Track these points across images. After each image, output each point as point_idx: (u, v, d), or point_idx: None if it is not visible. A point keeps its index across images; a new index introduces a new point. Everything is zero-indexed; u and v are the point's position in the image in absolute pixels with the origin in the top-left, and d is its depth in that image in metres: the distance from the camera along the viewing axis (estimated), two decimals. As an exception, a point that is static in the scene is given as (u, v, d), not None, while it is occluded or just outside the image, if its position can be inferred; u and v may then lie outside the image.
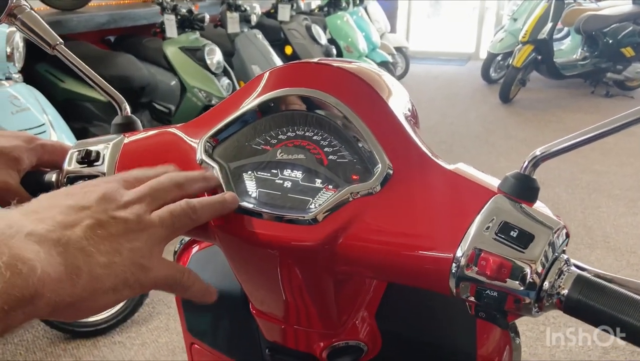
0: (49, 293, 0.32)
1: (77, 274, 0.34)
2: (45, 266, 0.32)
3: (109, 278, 0.37)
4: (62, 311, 0.35)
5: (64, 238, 0.35)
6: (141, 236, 0.40)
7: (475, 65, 8.42)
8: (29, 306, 0.31)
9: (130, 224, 0.39)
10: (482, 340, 0.61)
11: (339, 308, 0.57)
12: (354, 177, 0.49)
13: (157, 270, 0.41)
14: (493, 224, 0.42)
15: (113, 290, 0.37)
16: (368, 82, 0.53)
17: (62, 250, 0.34)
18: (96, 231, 0.37)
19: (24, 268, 0.31)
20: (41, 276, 0.31)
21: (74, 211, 0.38)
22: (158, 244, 0.41)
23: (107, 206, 0.39)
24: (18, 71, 2.33)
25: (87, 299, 0.35)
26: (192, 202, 0.44)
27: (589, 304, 0.40)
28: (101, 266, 0.36)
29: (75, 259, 0.35)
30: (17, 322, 0.31)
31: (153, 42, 3.95)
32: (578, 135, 0.43)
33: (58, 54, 0.61)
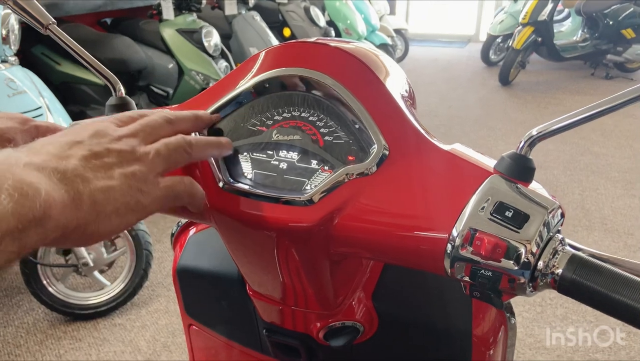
0: (56, 215, 0.33)
1: (79, 198, 0.35)
2: (48, 189, 0.33)
3: (109, 202, 0.37)
4: (70, 235, 0.36)
5: (60, 166, 0.36)
6: (135, 164, 0.41)
7: (475, 47, 8.37)
8: (40, 227, 0.32)
9: (124, 154, 0.40)
10: (477, 320, 0.61)
11: (336, 289, 0.57)
12: (350, 158, 0.48)
13: (156, 190, 0.42)
14: (488, 204, 0.42)
15: (116, 214, 0.38)
16: (365, 63, 0.52)
17: (60, 177, 0.35)
18: (91, 160, 0.38)
19: (29, 190, 0.32)
20: (46, 198, 0.32)
21: (68, 145, 0.39)
22: (154, 173, 0.42)
23: (100, 140, 0.40)
24: (14, 54, 2.31)
25: (92, 222, 0.37)
26: (188, 137, 0.45)
27: (583, 283, 0.40)
28: (100, 190, 0.37)
29: (74, 184, 0.36)
30: (31, 243, 0.32)
31: (150, 25, 3.91)
32: (574, 115, 0.43)
33: (51, 34, 0.60)
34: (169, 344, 2.13)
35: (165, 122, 0.46)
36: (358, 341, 0.63)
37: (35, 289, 2.14)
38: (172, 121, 0.46)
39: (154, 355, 2.08)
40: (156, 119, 0.46)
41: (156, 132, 0.45)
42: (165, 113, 0.47)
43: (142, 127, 0.44)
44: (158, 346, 2.12)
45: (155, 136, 0.44)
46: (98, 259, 2.19)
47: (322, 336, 0.61)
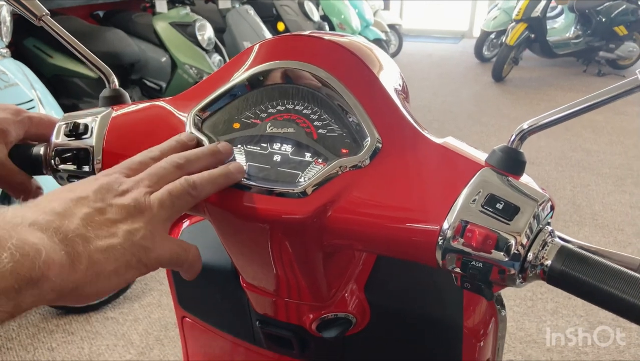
0: (54, 277, 0.33)
1: (78, 260, 0.35)
2: (48, 250, 0.33)
3: (108, 262, 0.37)
4: (66, 296, 0.36)
5: (63, 226, 0.36)
6: (140, 219, 0.40)
7: (469, 43, 8.39)
8: (35, 289, 0.32)
9: (127, 209, 0.40)
10: (468, 312, 0.62)
11: (329, 281, 0.57)
12: (344, 150, 0.49)
13: (159, 249, 0.41)
14: (479, 196, 0.43)
15: (115, 273, 0.38)
16: (359, 56, 0.52)
17: (62, 237, 0.35)
18: (94, 218, 0.38)
19: (30, 251, 0.32)
20: (46, 260, 0.33)
21: (72, 202, 0.39)
22: (160, 225, 0.41)
23: (104, 195, 0.40)
24: (6, 46, 2.29)
25: (89, 283, 0.36)
26: (191, 179, 0.44)
27: (572, 275, 0.41)
28: (100, 250, 0.37)
29: (75, 245, 0.36)
30: (25, 304, 0.32)
31: (143, 18, 3.89)
32: (564, 109, 0.44)
33: (44, 25, 0.60)
34: (161, 338, 2.14)
35: (175, 168, 0.45)
36: (350, 333, 0.63)
37: (27, 282, 2.12)
38: (182, 166, 0.45)
39: (146, 349, 2.08)
40: (165, 167, 0.44)
41: (163, 180, 0.44)
42: (176, 158, 0.45)
43: (149, 176, 0.43)
44: (151, 340, 2.12)
45: (162, 183, 0.43)
46: (90, 253, 2.18)
47: (315, 328, 0.61)
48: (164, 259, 0.42)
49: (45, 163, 0.58)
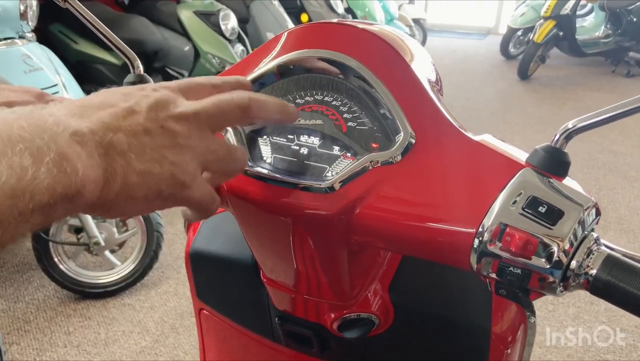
0: (88, 194, 0.33)
1: (114, 179, 0.34)
2: (85, 168, 0.32)
3: (141, 188, 0.36)
4: (95, 211, 0.35)
5: (106, 139, 0.34)
6: (187, 152, 0.38)
7: (495, 39, 8.27)
8: (69, 204, 0.32)
9: (179, 138, 0.37)
10: (497, 317, 0.59)
11: (352, 280, 0.55)
12: (374, 145, 0.47)
13: (194, 190, 0.39)
14: (520, 198, 0.40)
15: (144, 199, 0.37)
16: (391, 45, 0.50)
17: (102, 152, 0.34)
18: (141, 138, 0.36)
19: (68, 167, 0.31)
20: (82, 177, 0.32)
21: (123, 114, 0.36)
22: (202, 167, 0.40)
23: (159, 114, 0.37)
24: (31, 30, 2.30)
25: (118, 204, 0.36)
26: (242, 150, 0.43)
27: (618, 285, 0.38)
28: (137, 173, 0.35)
29: (114, 162, 0.34)
30: (56, 216, 0.32)
31: (167, 6, 3.90)
32: (612, 109, 0.41)
33: (70, 7, 0.58)
34: (177, 326, 2.14)
35: (239, 109, 0.41)
36: (373, 334, 0.61)
37: (46, 266, 2.15)
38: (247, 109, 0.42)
39: (162, 336, 2.09)
40: (229, 103, 0.41)
41: (225, 120, 0.41)
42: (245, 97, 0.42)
43: (211, 108, 0.40)
44: (166, 328, 2.13)
45: (223, 124, 0.41)
46: (109, 239, 2.20)
47: (336, 328, 0.59)
48: (194, 200, 0.40)
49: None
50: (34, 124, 0.31)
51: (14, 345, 2.01)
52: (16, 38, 2.15)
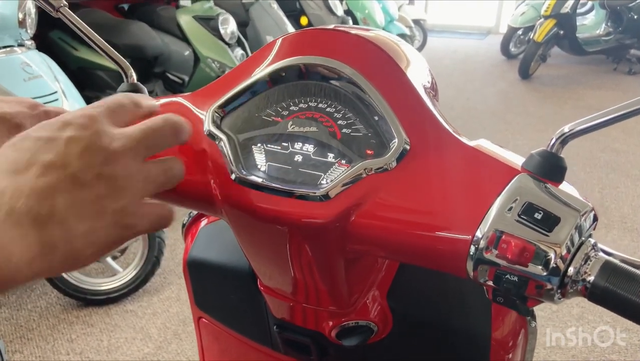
0: (23, 274, 0.31)
1: (54, 250, 0.32)
2: (21, 250, 0.31)
3: (88, 247, 0.34)
4: (38, 280, 0.35)
5: (42, 213, 0.32)
6: (128, 194, 0.36)
7: (495, 39, 8.26)
8: (3, 287, 0.31)
9: (118, 181, 0.35)
10: (497, 323, 0.59)
11: (350, 287, 0.55)
12: (369, 152, 0.46)
13: (141, 224, 0.37)
14: (516, 204, 0.40)
15: (92, 256, 0.35)
16: (386, 51, 0.49)
17: (39, 228, 0.32)
18: (77, 194, 0.33)
19: (1, 253, 0.30)
20: (17, 262, 0.30)
21: (54, 169, 0.33)
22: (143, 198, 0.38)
23: (92, 160, 0.34)
24: (30, 38, 2.31)
25: (62, 268, 0.34)
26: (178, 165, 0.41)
27: (616, 292, 0.38)
28: (81, 236, 0.33)
29: (53, 234, 0.32)
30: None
31: (167, 11, 3.90)
32: (609, 112, 0.40)
33: (62, 16, 0.58)
34: (179, 332, 2.14)
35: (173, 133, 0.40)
36: (371, 341, 0.61)
37: (48, 273, 2.15)
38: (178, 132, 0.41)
39: (164, 343, 2.09)
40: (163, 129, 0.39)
41: (160, 146, 0.39)
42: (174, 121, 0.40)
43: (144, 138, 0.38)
44: (169, 334, 2.13)
45: (157, 149, 0.39)
46: (111, 246, 2.19)
47: (335, 335, 0.59)
48: (145, 230, 0.38)
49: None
50: None
51: (17, 353, 2.01)
52: (15, 46, 2.15)
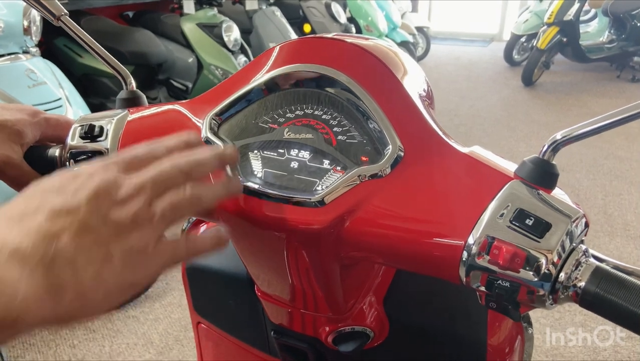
0: (32, 315, 0.30)
1: (62, 292, 0.32)
2: (28, 289, 0.30)
3: (98, 290, 0.33)
4: (48, 327, 0.33)
5: (48, 253, 0.32)
6: (136, 235, 0.35)
7: (498, 46, 8.26)
8: (11, 329, 0.30)
9: (123, 224, 0.35)
10: (493, 329, 0.59)
11: (346, 293, 0.55)
12: (364, 158, 0.47)
13: (154, 264, 0.37)
14: (508, 211, 0.40)
15: (106, 299, 0.34)
16: (382, 60, 0.50)
17: (47, 268, 0.31)
18: (84, 238, 0.33)
19: (6, 290, 0.29)
20: (23, 299, 0.30)
21: (62, 215, 0.33)
22: (155, 238, 0.37)
23: (99, 204, 0.35)
24: (35, 45, 2.33)
25: (75, 313, 0.33)
26: (197, 191, 0.40)
27: (607, 298, 0.38)
28: (89, 278, 0.33)
29: (61, 275, 0.32)
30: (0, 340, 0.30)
31: (171, 18, 3.93)
32: (601, 119, 0.41)
33: (62, 25, 0.59)
34: (181, 338, 2.14)
35: (180, 174, 0.40)
36: (368, 347, 0.61)
37: (51, 279, 2.15)
38: (187, 173, 0.40)
39: (166, 348, 2.09)
40: (169, 172, 0.39)
41: (167, 188, 0.39)
42: (183, 164, 0.40)
43: (152, 182, 0.38)
44: (170, 340, 2.13)
45: (164, 190, 0.38)
46: (113, 251, 2.20)
47: (331, 341, 0.59)
48: (160, 270, 0.38)
49: (60, 165, 0.57)
50: None
51: (19, 359, 2.01)
52: (20, 53, 2.17)
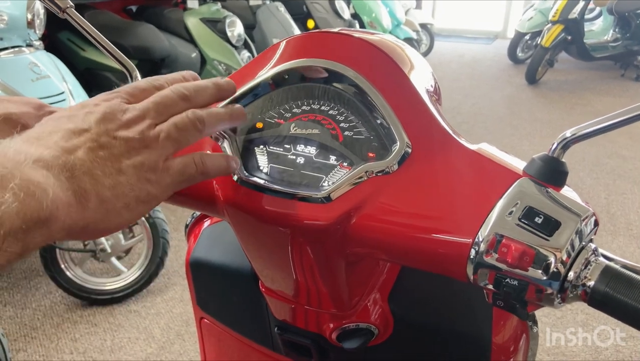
0: (63, 216, 0.33)
1: (86, 198, 0.35)
2: (56, 190, 0.32)
3: (118, 198, 0.37)
4: (77, 233, 0.35)
5: (69, 162, 0.35)
6: (143, 152, 0.39)
7: (502, 44, 8.25)
8: (45, 228, 0.32)
9: (132, 142, 0.38)
10: (498, 327, 0.59)
11: (351, 290, 0.55)
12: (370, 154, 0.46)
13: (166, 178, 0.40)
14: (517, 208, 0.40)
15: (126, 208, 0.37)
16: (389, 55, 0.50)
17: (69, 175, 0.34)
18: (98, 153, 0.36)
19: (37, 190, 0.31)
20: (54, 199, 0.32)
21: (75, 135, 0.37)
22: (163, 158, 0.40)
23: (107, 126, 0.38)
24: (39, 38, 2.33)
25: (100, 221, 0.36)
26: (199, 112, 0.42)
27: (616, 297, 0.38)
28: (108, 187, 0.36)
29: (82, 182, 0.35)
30: (34, 244, 0.32)
31: (174, 13, 3.92)
32: (611, 117, 0.40)
33: (68, 17, 0.58)
34: (182, 333, 2.14)
35: (180, 98, 0.42)
36: (372, 344, 0.61)
37: (53, 272, 2.16)
38: (187, 97, 0.43)
39: (167, 343, 2.09)
40: (170, 96, 0.42)
41: (169, 111, 0.42)
42: (181, 88, 0.43)
43: (154, 105, 0.41)
44: (172, 335, 2.13)
45: (167, 115, 0.41)
46: (115, 246, 2.21)
47: (335, 338, 0.59)
48: (173, 185, 0.41)
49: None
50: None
51: (21, 352, 2.02)
52: (23, 46, 2.17)
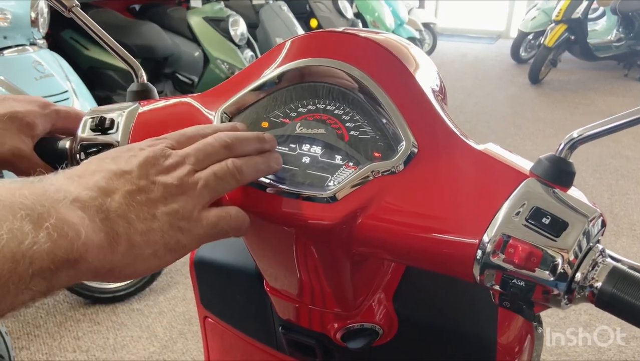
0: (91, 258, 0.33)
1: (117, 242, 0.35)
2: (88, 232, 0.33)
3: (148, 245, 0.37)
4: (102, 276, 0.35)
5: (105, 204, 0.35)
6: (180, 199, 0.39)
7: (505, 44, 8.23)
8: (72, 270, 0.32)
9: (170, 188, 0.39)
10: (503, 328, 0.58)
11: (355, 289, 0.55)
12: (376, 154, 0.46)
13: (198, 228, 0.40)
14: (524, 209, 0.40)
15: (154, 256, 0.37)
16: (395, 54, 0.49)
17: (103, 217, 0.35)
18: (135, 197, 0.37)
19: (70, 232, 0.32)
20: (85, 241, 0.32)
21: (116, 176, 0.38)
22: (199, 207, 0.40)
23: (148, 170, 0.39)
24: (42, 37, 2.33)
25: (127, 265, 0.36)
26: (238, 162, 0.43)
27: (624, 298, 0.37)
28: (139, 233, 0.36)
29: (115, 226, 0.35)
30: (60, 284, 0.32)
31: (177, 12, 3.93)
32: (619, 117, 0.40)
33: (74, 16, 0.59)
34: (185, 331, 2.14)
35: (222, 147, 0.43)
36: (376, 344, 0.61)
37: (56, 271, 2.16)
38: (229, 146, 0.43)
39: (170, 342, 2.09)
40: (212, 143, 0.43)
41: (209, 159, 0.42)
42: (224, 137, 0.44)
43: (195, 152, 0.42)
44: (174, 333, 2.13)
45: (208, 162, 0.42)
46: (119, 244, 2.21)
47: (340, 337, 0.59)
48: (204, 236, 0.41)
49: (71, 157, 0.57)
50: (36, 193, 0.32)
51: (24, 350, 2.02)
52: (27, 45, 2.17)
